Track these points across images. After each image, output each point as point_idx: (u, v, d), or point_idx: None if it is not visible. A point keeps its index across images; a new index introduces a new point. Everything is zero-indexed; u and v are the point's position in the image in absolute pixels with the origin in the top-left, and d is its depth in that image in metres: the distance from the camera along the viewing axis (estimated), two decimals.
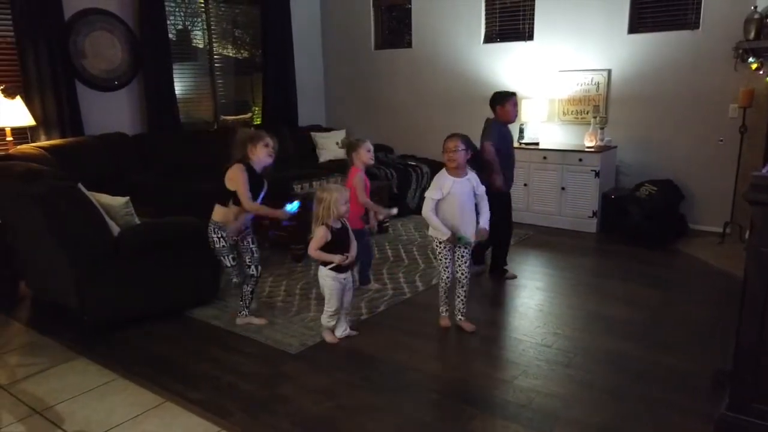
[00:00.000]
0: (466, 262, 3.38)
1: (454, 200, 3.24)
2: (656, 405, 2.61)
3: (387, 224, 5.55)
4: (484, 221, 3.34)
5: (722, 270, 4.34)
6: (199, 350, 3.25)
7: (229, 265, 3.46)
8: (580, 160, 5.35)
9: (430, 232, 3.41)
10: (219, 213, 3.37)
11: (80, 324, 3.48)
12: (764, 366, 2.18)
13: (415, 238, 5.31)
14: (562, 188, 5.48)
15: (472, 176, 3.32)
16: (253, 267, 3.48)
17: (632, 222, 5.01)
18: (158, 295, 3.62)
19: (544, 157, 5.54)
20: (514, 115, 4.12)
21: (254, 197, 3.32)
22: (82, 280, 3.35)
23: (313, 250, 3.12)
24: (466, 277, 3.40)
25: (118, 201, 3.58)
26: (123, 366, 3.07)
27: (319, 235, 3.10)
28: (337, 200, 3.07)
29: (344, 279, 3.23)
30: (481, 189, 3.34)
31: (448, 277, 3.43)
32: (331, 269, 3.17)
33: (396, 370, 2.98)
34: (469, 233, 3.29)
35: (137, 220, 3.65)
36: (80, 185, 3.45)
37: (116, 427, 2.55)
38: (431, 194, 3.28)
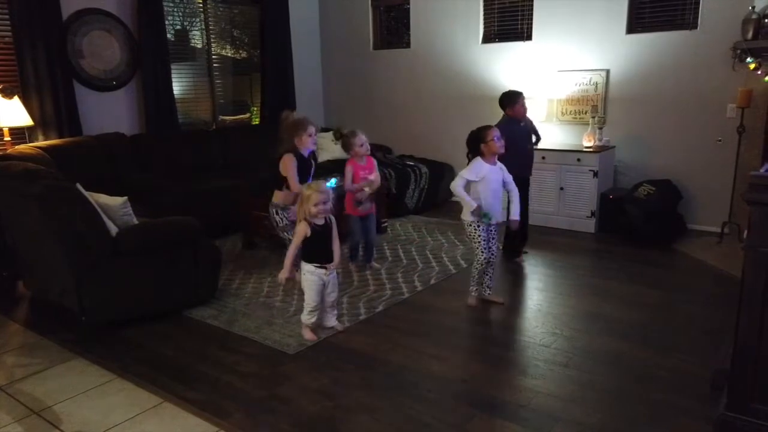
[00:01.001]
0: (495, 243, 3.72)
1: (488, 185, 3.54)
2: (655, 405, 2.61)
3: (385, 224, 5.54)
4: (515, 212, 3.69)
5: (720, 270, 4.35)
6: (197, 350, 3.24)
7: (291, 238, 3.70)
8: (579, 160, 5.35)
9: (463, 215, 3.63)
10: (278, 196, 3.84)
11: (78, 324, 3.47)
12: (763, 366, 2.18)
13: (413, 238, 5.31)
14: (561, 188, 5.49)
15: (501, 165, 3.62)
16: None
17: (630, 222, 5.01)
18: (156, 295, 3.61)
19: (543, 157, 5.53)
20: (524, 113, 4.45)
21: (304, 178, 3.77)
22: (80, 280, 3.34)
23: (292, 245, 3.24)
24: (495, 255, 3.75)
25: (116, 201, 3.57)
26: (121, 366, 3.07)
27: (299, 230, 3.20)
28: (309, 198, 3.14)
29: (324, 274, 3.26)
30: (509, 177, 3.65)
31: (485, 258, 3.64)
32: (312, 264, 3.23)
33: (394, 370, 2.98)
34: (498, 216, 3.63)
35: (135, 220, 3.64)
36: (78, 185, 3.45)
37: (114, 427, 2.55)
38: (465, 174, 3.55)
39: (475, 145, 3.56)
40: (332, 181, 3.97)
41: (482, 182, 3.54)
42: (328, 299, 3.35)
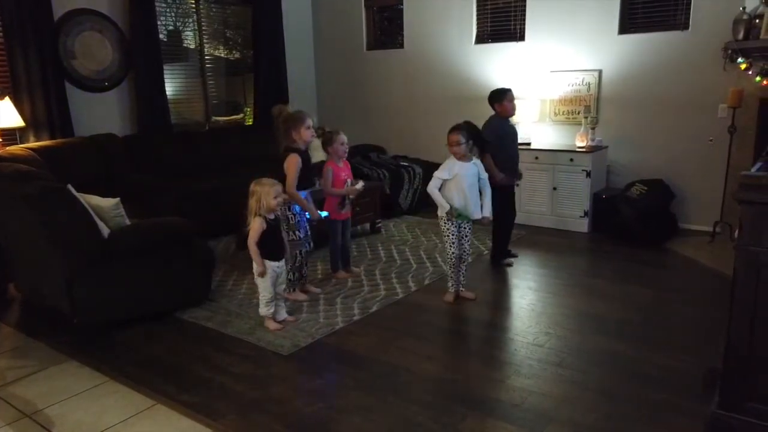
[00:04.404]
0: (469, 240, 3.80)
1: (462, 181, 3.61)
2: (648, 404, 2.62)
3: (379, 225, 5.55)
4: (487, 209, 3.75)
5: (713, 269, 4.37)
6: (190, 352, 3.23)
7: (301, 237, 3.76)
8: (572, 160, 5.37)
9: (439, 212, 3.71)
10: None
11: (71, 326, 3.45)
12: (754, 364, 2.20)
13: (407, 239, 5.31)
14: (554, 188, 5.50)
15: (477, 162, 3.71)
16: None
17: (623, 221, 5.03)
18: (149, 296, 3.59)
19: (536, 158, 5.55)
20: (512, 110, 4.39)
21: (309, 175, 3.79)
22: (73, 282, 3.32)
23: (251, 242, 3.28)
24: (468, 254, 3.85)
25: (108, 202, 3.55)
26: (114, 368, 3.05)
27: (255, 226, 3.26)
28: (268, 193, 3.25)
29: (277, 267, 3.39)
30: (485, 175, 3.74)
31: (453, 253, 3.72)
32: (264, 258, 3.32)
33: (388, 371, 2.98)
34: (472, 210, 3.67)
35: (127, 222, 3.62)
36: (70, 186, 3.43)
37: (107, 429, 2.54)
38: (439, 174, 3.64)
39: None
40: (325, 213, 3.93)
41: (454, 180, 3.60)
42: (278, 289, 3.45)
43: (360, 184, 4.14)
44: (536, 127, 5.99)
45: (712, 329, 3.29)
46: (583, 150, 5.37)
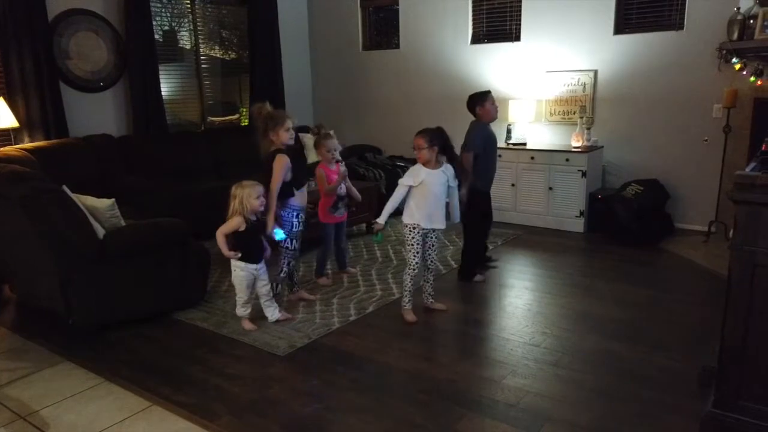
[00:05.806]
0: (435, 250, 3.63)
1: (427, 189, 3.42)
2: (644, 403, 2.62)
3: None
4: (455, 215, 3.61)
5: (708, 268, 4.38)
6: (186, 353, 3.22)
7: (293, 248, 3.67)
8: (567, 160, 5.38)
9: (403, 217, 3.56)
10: (296, 197, 3.63)
11: (66, 327, 3.44)
12: (749, 363, 2.20)
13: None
14: (550, 188, 5.51)
15: (447, 169, 3.49)
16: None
17: (619, 221, 5.04)
18: (145, 297, 3.58)
19: (532, 158, 5.56)
20: (494, 113, 4.12)
21: (301, 178, 3.64)
22: (68, 283, 3.31)
23: (220, 232, 3.28)
24: (434, 262, 3.67)
25: (104, 203, 3.54)
26: (109, 369, 3.04)
27: (233, 222, 3.27)
28: (249, 195, 3.27)
29: (255, 269, 3.39)
30: (454, 183, 3.54)
31: (417, 263, 3.54)
32: (240, 260, 3.34)
33: (384, 371, 2.97)
34: (439, 222, 3.49)
35: (123, 223, 3.61)
36: (64, 187, 3.42)
37: (102, 431, 2.52)
38: (404, 181, 3.49)
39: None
40: (280, 233, 3.54)
41: (420, 187, 3.41)
42: (261, 291, 3.48)
43: (342, 186, 4.04)
44: (532, 128, 6.00)
45: (708, 328, 3.30)
46: (579, 150, 5.38)
